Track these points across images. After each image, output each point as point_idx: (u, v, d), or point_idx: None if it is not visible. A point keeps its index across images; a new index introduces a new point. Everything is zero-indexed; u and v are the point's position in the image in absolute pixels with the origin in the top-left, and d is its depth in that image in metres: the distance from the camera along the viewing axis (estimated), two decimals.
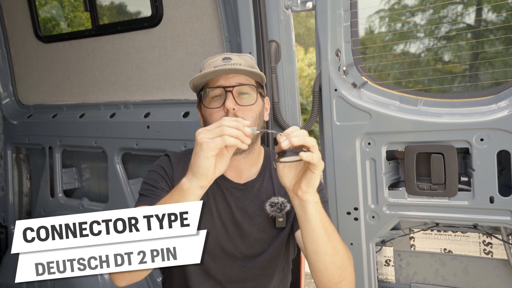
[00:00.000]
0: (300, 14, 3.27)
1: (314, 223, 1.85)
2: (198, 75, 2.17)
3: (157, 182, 2.23)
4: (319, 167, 1.70)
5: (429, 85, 2.93)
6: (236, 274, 2.29)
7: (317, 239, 1.87)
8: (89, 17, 4.14)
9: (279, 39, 2.98)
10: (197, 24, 3.48)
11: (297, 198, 1.83)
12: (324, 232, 1.87)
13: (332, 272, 1.92)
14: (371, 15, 2.89)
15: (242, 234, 2.28)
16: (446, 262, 2.82)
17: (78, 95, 4.41)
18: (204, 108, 2.23)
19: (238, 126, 1.72)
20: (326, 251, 1.89)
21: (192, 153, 2.45)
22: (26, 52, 4.72)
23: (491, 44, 2.79)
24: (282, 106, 3.02)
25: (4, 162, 5.00)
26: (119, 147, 3.98)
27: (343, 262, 1.94)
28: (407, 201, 2.71)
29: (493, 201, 2.48)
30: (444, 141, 2.55)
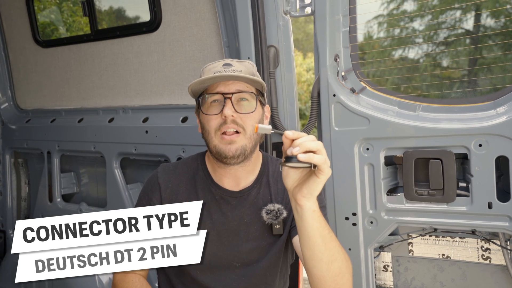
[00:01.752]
0: (299, 20, 3.27)
1: (310, 231, 1.83)
2: (197, 81, 2.15)
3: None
4: (325, 173, 1.69)
5: (427, 91, 2.93)
6: (235, 284, 2.26)
7: (313, 246, 1.86)
8: (88, 22, 4.14)
9: (277, 44, 2.98)
10: (195, 29, 3.48)
11: (294, 202, 1.81)
12: (321, 240, 1.85)
13: (329, 279, 1.91)
14: (369, 20, 2.89)
15: (239, 242, 2.26)
16: (444, 267, 2.82)
17: (76, 100, 4.41)
18: (202, 114, 2.21)
19: None
20: (322, 258, 1.87)
21: (185, 162, 2.45)
22: (24, 57, 4.72)
23: (490, 49, 2.79)
24: (280, 111, 3.02)
25: (2, 166, 5.00)
26: (118, 152, 3.97)
27: (340, 270, 1.92)
28: (405, 207, 2.70)
29: (491, 207, 2.47)
30: (443, 147, 2.55)
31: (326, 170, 1.68)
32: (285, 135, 1.69)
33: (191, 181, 2.31)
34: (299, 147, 1.64)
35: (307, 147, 1.63)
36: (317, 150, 1.65)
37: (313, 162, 1.63)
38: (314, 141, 1.66)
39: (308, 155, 1.63)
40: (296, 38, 22.64)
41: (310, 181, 1.74)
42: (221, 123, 2.13)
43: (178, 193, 2.28)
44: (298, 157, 1.63)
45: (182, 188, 2.28)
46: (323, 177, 1.70)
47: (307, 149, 1.64)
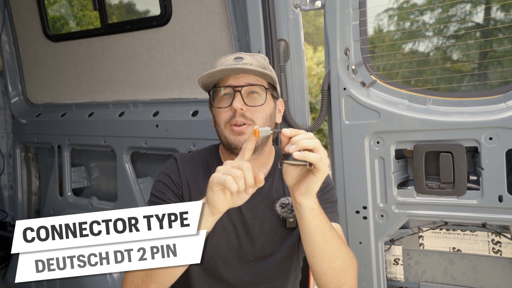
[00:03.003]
0: (309, 13, 3.27)
1: (310, 228, 1.83)
2: (206, 74, 2.16)
3: (164, 194, 2.22)
4: (322, 171, 1.66)
5: (438, 84, 2.93)
6: (248, 277, 2.27)
7: (313, 243, 1.86)
8: (98, 16, 4.16)
9: (288, 38, 2.98)
10: (206, 23, 3.48)
11: (294, 200, 1.81)
12: (321, 238, 1.85)
13: (331, 276, 1.91)
14: (379, 14, 2.89)
15: (253, 236, 2.26)
16: (455, 261, 2.82)
17: (87, 94, 4.43)
18: (214, 108, 2.23)
19: (246, 178, 1.62)
20: (323, 255, 1.88)
21: (200, 154, 2.44)
22: (35, 51, 4.74)
23: (500, 43, 2.79)
24: (291, 105, 3.02)
25: (13, 161, 5.03)
26: (128, 146, 3.99)
27: (343, 267, 1.92)
28: (416, 200, 2.71)
29: (502, 200, 2.47)
30: (453, 140, 2.55)
31: (323, 169, 1.66)
32: (282, 133, 1.68)
33: (207, 172, 2.30)
34: (295, 145, 1.63)
35: (302, 145, 1.62)
36: (313, 148, 1.63)
37: (308, 160, 1.62)
38: (311, 139, 1.65)
39: (303, 153, 1.61)
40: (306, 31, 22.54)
41: (308, 179, 1.72)
42: (231, 116, 2.13)
43: (197, 181, 2.27)
44: (293, 155, 1.63)
45: (200, 178, 2.27)
46: (320, 175, 1.68)
47: (303, 147, 1.62)
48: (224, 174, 1.61)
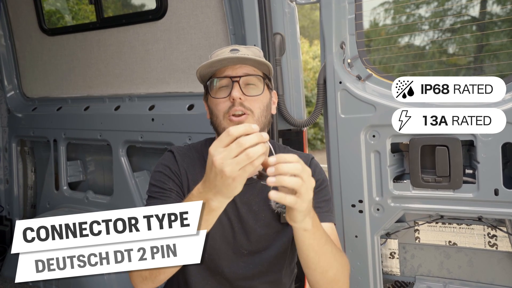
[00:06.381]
0: (304, 7, 3.27)
1: (302, 246, 1.82)
2: (205, 64, 2.16)
3: (165, 183, 2.20)
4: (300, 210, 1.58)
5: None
6: (243, 271, 2.26)
7: (307, 258, 1.86)
8: (93, 9, 4.15)
9: (283, 31, 2.98)
10: (201, 16, 3.48)
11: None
12: (314, 254, 1.84)
13: (323, 285, 1.94)
14: (375, 7, 2.89)
15: (247, 229, 2.26)
16: (451, 254, 2.82)
17: (82, 88, 4.42)
18: (211, 98, 2.23)
19: (258, 140, 1.49)
20: (316, 268, 1.89)
21: (195, 147, 2.43)
22: (30, 45, 4.73)
23: (496, 36, 2.79)
24: (286, 99, 3.02)
25: (8, 155, 5.02)
26: (124, 140, 3.99)
27: (335, 276, 1.94)
28: (411, 194, 2.71)
29: (497, 194, 2.48)
30: (449, 134, 2.55)
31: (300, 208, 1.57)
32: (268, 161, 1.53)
33: (204, 165, 2.30)
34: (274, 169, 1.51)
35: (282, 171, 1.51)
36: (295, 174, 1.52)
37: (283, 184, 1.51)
38: (293, 163, 1.53)
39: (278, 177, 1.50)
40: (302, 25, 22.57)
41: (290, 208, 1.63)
42: (229, 106, 2.13)
43: (194, 173, 2.26)
44: (267, 180, 1.50)
45: (197, 171, 2.27)
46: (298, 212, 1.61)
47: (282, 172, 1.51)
48: (245, 164, 1.49)
